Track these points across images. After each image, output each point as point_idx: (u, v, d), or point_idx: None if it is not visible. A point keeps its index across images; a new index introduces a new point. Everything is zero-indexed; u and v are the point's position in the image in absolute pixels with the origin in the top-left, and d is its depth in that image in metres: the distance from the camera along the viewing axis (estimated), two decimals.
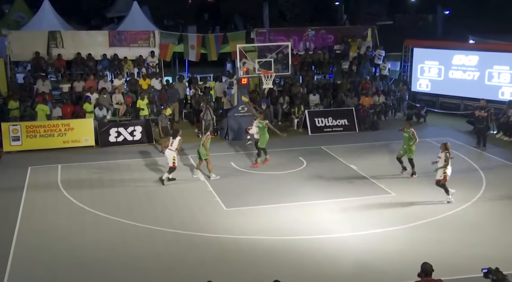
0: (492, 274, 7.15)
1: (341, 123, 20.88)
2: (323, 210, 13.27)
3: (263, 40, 24.54)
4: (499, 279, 7.08)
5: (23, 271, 10.39)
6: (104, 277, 10.20)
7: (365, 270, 10.34)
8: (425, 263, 7.50)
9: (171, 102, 21.39)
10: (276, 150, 18.32)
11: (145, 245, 11.44)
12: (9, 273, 10.25)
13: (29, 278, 10.20)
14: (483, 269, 7.27)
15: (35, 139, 18.36)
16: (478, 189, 14.46)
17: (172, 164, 14.77)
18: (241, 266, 10.58)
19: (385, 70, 25.00)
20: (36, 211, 13.29)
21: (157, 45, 23.82)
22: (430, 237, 11.69)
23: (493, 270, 7.20)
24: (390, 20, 40.21)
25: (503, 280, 7.06)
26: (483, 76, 22.14)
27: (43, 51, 22.52)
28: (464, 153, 17.92)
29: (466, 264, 10.32)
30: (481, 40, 25.08)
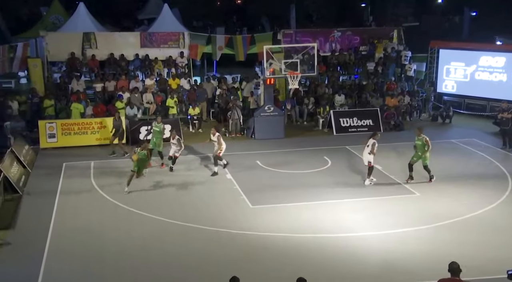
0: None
1: (366, 123, 21.02)
2: (347, 208, 13.40)
3: (289, 41, 24.78)
4: None
5: (58, 265, 10.72)
6: (135, 273, 10.42)
7: (390, 270, 10.40)
8: (452, 262, 7.53)
9: (199, 101, 21.88)
10: (302, 149, 18.60)
11: (174, 241, 11.71)
12: (45, 267, 10.60)
13: (63, 272, 10.48)
14: (508, 270, 7.34)
15: (70, 136, 18.98)
16: (503, 191, 14.40)
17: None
18: (266, 263, 10.73)
19: (410, 71, 25.01)
20: (70, 206, 13.71)
21: (186, 46, 24.32)
22: (454, 238, 11.70)
23: None
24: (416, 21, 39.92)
25: None
26: (511, 77, 21.98)
27: (78, 51, 23.29)
28: (490, 154, 17.86)
29: (489, 266, 10.29)
30: (508, 41, 24.88)
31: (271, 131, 19.86)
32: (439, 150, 18.34)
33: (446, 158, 17.49)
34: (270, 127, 19.88)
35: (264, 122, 19.94)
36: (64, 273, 10.47)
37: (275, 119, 20.06)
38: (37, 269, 10.48)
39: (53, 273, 10.42)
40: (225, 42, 25.28)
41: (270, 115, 19.95)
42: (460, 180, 15.31)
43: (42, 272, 10.40)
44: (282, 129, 20.27)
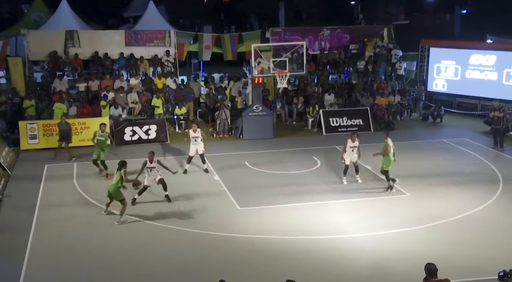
0: (510, 277, 7.06)
1: (355, 123, 20.82)
2: (337, 209, 13.28)
3: (278, 40, 24.56)
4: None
5: (39, 267, 10.56)
6: (117, 275, 10.33)
7: (381, 271, 10.36)
8: (429, 264, 7.48)
9: (186, 101, 21.51)
10: (291, 149, 18.41)
11: (161, 244, 11.54)
12: (26, 269, 10.45)
13: (45, 274, 10.37)
14: (499, 272, 7.20)
15: (52, 137, 18.48)
16: (495, 191, 14.35)
17: None
18: (254, 265, 10.64)
19: (401, 70, 24.84)
20: (53, 208, 13.47)
21: (172, 45, 23.97)
22: (445, 238, 11.66)
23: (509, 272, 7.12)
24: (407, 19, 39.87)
25: None
26: (501, 76, 21.89)
27: (60, 50, 22.81)
28: (481, 154, 17.79)
29: (481, 266, 10.27)
30: (499, 39, 24.82)
31: (259, 131, 19.64)
32: (430, 149, 18.47)
33: (438, 158, 17.51)
34: (258, 127, 19.66)
35: (252, 122, 19.69)
36: (46, 275, 10.35)
37: (264, 119, 19.81)
38: (18, 271, 10.36)
39: (35, 276, 10.30)
40: (213, 41, 24.94)
41: (259, 115, 19.71)
42: (451, 180, 15.24)
43: (23, 275, 10.28)
44: (271, 129, 20.04)
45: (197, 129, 15.68)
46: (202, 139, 15.68)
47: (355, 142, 14.60)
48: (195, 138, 15.69)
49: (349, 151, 14.69)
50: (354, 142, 14.60)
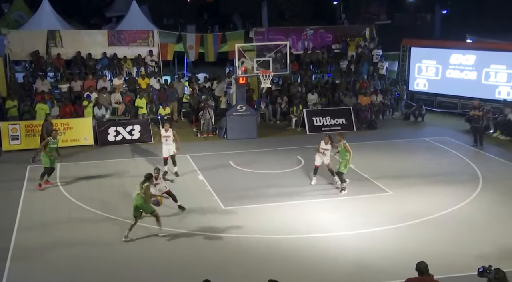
0: (492, 273, 7.23)
1: (339, 122, 21.00)
2: (321, 208, 13.38)
3: (261, 40, 24.66)
4: (501, 277, 7.16)
5: (22, 268, 10.52)
6: (102, 276, 10.30)
7: (364, 269, 10.46)
8: (420, 262, 7.61)
9: (170, 101, 21.48)
10: (275, 148, 18.48)
11: (146, 244, 11.53)
12: (8, 271, 10.39)
13: (28, 275, 10.33)
14: (479, 268, 7.36)
15: (34, 138, 18.32)
16: (474, 189, 14.59)
17: None
18: (239, 264, 10.69)
19: (382, 69, 25.12)
20: (35, 209, 13.40)
21: (156, 45, 23.91)
22: (427, 235, 11.80)
23: (490, 268, 7.29)
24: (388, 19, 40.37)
25: (505, 278, 7.15)
26: (480, 75, 22.25)
27: (42, 50, 22.61)
28: (462, 151, 18.08)
29: (462, 262, 10.45)
30: (478, 39, 25.22)
31: (243, 131, 19.69)
32: (412, 148, 18.67)
33: (419, 156, 17.73)
34: (242, 127, 19.70)
35: (236, 122, 19.74)
36: (29, 275, 10.30)
37: (248, 119, 19.87)
38: (1, 271, 10.30)
39: (17, 276, 10.25)
40: (197, 41, 24.93)
41: (243, 115, 19.76)
42: (432, 178, 15.44)
43: (6, 275, 10.25)
44: (255, 129, 20.10)
45: (169, 129, 15.41)
46: (173, 139, 15.37)
47: (327, 144, 14.42)
48: (166, 137, 15.33)
49: (320, 153, 14.55)
50: (326, 144, 14.44)
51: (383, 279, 9.99)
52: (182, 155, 17.66)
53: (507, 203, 13.52)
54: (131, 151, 18.38)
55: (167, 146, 15.50)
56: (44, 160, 14.58)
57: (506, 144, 19.15)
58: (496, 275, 7.17)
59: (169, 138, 15.41)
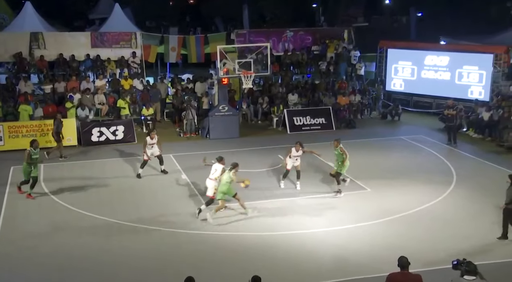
0: (464, 266, 7.47)
1: (318, 122, 21.47)
2: (301, 206, 13.63)
3: (243, 41, 25.03)
4: (471, 269, 7.40)
5: (7, 269, 10.53)
6: (88, 275, 10.36)
7: (342, 264, 10.65)
8: (401, 257, 7.80)
9: (153, 102, 21.74)
10: (256, 148, 18.76)
11: (128, 243, 11.64)
12: None
13: (13, 277, 10.32)
14: (453, 261, 7.67)
15: (18, 139, 18.46)
16: (449, 185, 15.02)
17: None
18: (221, 261, 10.82)
19: (360, 70, 25.69)
20: (19, 210, 13.41)
21: (139, 46, 24.13)
22: (403, 231, 12.05)
23: (463, 261, 7.55)
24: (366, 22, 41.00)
25: (475, 270, 7.41)
26: (454, 76, 22.91)
27: (25, 52, 22.68)
28: (436, 150, 18.58)
29: (437, 256, 10.68)
30: (452, 41, 25.86)
31: (225, 131, 19.98)
32: (389, 146, 19.06)
33: (396, 154, 18.12)
34: (224, 127, 19.99)
35: (218, 122, 20.05)
36: (14, 277, 10.30)
37: (230, 119, 20.18)
38: None
39: (2, 278, 10.27)
40: (180, 42, 25.18)
41: (225, 115, 20.07)
42: (408, 175, 15.84)
43: None
44: (237, 129, 20.43)
45: (155, 137, 15.67)
46: (158, 143, 15.80)
47: (299, 151, 14.45)
48: (151, 145, 15.66)
49: (293, 159, 14.69)
50: (298, 151, 14.53)
51: (361, 273, 10.20)
52: (166, 155, 17.87)
53: (480, 199, 13.87)
54: (114, 151, 18.54)
55: (150, 150, 15.73)
56: (25, 171, 13.94)
57: (478, 141, 19.74)
58: (467, 268, 7.40)
59: (154, 145, 15.74)
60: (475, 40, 24.69)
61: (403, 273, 7.70)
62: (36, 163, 14.07)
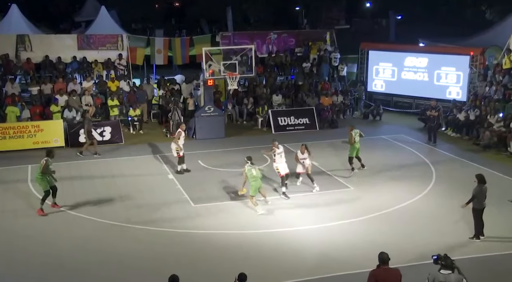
0: (441, 260, 7.65)
1: (302, 122, 21.89)
2: (285, 204, 13.91)
3: (228, 43, 25.32)
4: (448, 264, 7.61)
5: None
6: (76, 275, 10.45)
7: (327, 261, 10.88)
8: (381, 253, 7.99)
9: (140, 103, 21.98)
10: (242, 148, 18.98)
11: (116, 243, 11.77)
12: None
13: (3, 279, 10.35)
14: (433, 256, 7.80)
15: (5, 140, 18.54)
16: (428, 182, 15.44)
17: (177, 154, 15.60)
18: (208, 259, 11.00)
19: (343, 71, 26.19)
20: (7, 212, 13.44)
21: (125, 48, 24.27)
22: (385, 228, 12.35)
23: (442, 256, 7.72)
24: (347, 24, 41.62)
25: (451, 265, 7.63)
26: (432, 77, 23.48)
27: (12, 54, 22.71)
28: (416, 148, 19.06)
29: (418, 252, 10.97)
30: (430, 43, 26.41)
31: (211, 131, 20.27)
32: (371, 145, 19.23)
33: (377, 153, 18.48)
34: (210, 128, 20.27)
35: (204, 122, 20.33)
36: (3, 279, 10.36)
37: (216, 120, 20.48)
38: None
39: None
40: (165, 45, 25.42)
41: (211, 116, 20.37)
42: (390, 173, 16.28)
43: None
44: (223, 129, 20.73)
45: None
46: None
47: (304, 153, 14.70)
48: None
49: (301, 162, 14.95)
50: (303, 154, 14.68)
51: (345, 269, 10.44)
52: (153, 155, 18.26)
53: (458, 196, 13.94)
54: (102, 151, 18.58)
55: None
56: (43, 183, 13.28)
57: (456, 140, 20.24)
58: (443, 262, 7.60)
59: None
60: (452, 42, 25.31)
61: (384, 269, 7.89)
62: (51, 173, 13.47)
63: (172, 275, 7.74)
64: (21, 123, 19.15)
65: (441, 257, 7.74)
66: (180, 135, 15.98)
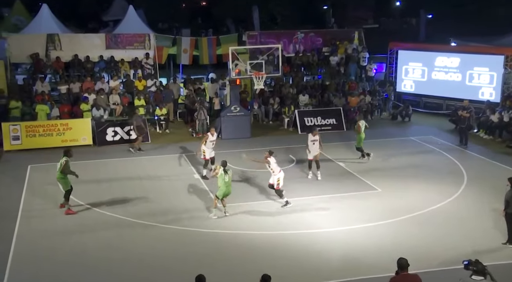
0: (473, 266, 7.47)
1: (329, 122, 21.67)
2: (311, 205, 13.76)
3: (254, 43, 25.23)
4: (480, 269, 7.43)
5: (24, 269, 10.67)
6: (101, 273, 10.51)
7: (352, 264, 10.74)
8: (400, 258, 7.82)
9: (166, 102, 22.07)
10: (268, 148, 18.78)
11: (141, 241, 11.80)
12: (9, 271, 10.51)
13: (30, 276, 10.43)
14: (464, 261, 7.69)
15: (35, 138, 18.85)
16: (460, 185, 15.12)
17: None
18: (232, 260, 10.94)
19: (371, 71, 25.84)
20: (36, 209, 13.61)
21: (152, 48, 24.42)
22: (414, 231, 12.14)
23: (473, 261, 7.52)
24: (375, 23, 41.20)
25: (483, 271, 7.43)
26: (464, 77, 23.01)
27: (41, 53, 23.09)
28: (446, 150, 18.69)
29: (448, 256, 10.79)
30: (462, 42, 25.94)
31: (237, 131, 20.22)
32: (399, 147, 19.16)
33: (406, 155, 18.19)
34: (236, 127, 20.23)
35: (230, 122, 20.30)
36: (29, 276, 10.43)
37: (242, 119, 20.43)
38: (2, 272, 10.42)
39: (18, 277, 10.36)
40: (192, 44, 25.48)
41: (237, 115, 20.33)
42: (419, 175, 15.95)
43: (6, 277, 10.35)
44: (249, 129, 20.67)
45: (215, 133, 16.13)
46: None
47: (316, 136, 15.27)
48: (212, 142, 15.88)
49: (310, 144, 15.25)
50: (314, 136, 15.23)
51: (371, 273, 10.26)
52: (178, 154, 18.28)
53: (490, 200, 13.90)
54: (128, 150, 18.72)
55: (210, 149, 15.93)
56: (64, 182, 13.42)
57: (488, 142, 19.81)
58: (475, 268, 7.43)
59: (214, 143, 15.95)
60: (484, 41, 24.81)
61: (403, 275, 7.72)
62: (71, 172, 13.49)
63: (199, 275, 7.70)
64: (50, 122, 19.45)
65: (472, 262, 7.55)
66: (206, 138, 15.78)
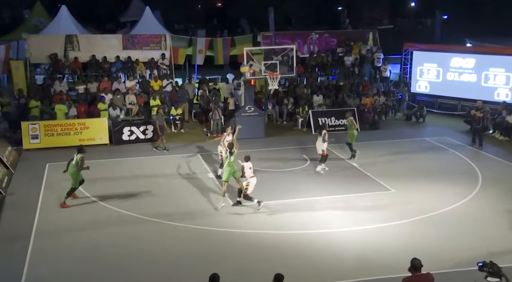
0: (488, 267, 7.41)
1: (343, 122, 21.54)
2: (325, 205, 13.78)
3: (269, 43, 25.30)
4: (495, 271, 7.36)
5: (41, 265, 10.77)
6: (116, 270, 10.59)
7: (366, 264, 10.70)
8: (414, 259, 7.77)
9: (181, 102, 22.29)
10: (281, 148, 19.07)
11: (154, 239, 11.87)
12: (28, 267, 10.62)
13: (46, 272, 10.52)
14: (478, 262, 7.56)
15: (53, 137, 19.13)
16: (474, 186, 15.04)
17: None
18: (246, 259, 10.95)
19: (385, 72, 25.79)
20: (54, 207, 13.78)
21: (168, 48, 24.63)
22: (428, 232, 12.09)
23: (488, 263, 7.46)
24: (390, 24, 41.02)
25: (499, 272, 7.37)
26: (480, 78, 22.89)
27: (60, 54, 23.45)
28: (461, 151, 18.60)
29: (462, 257, 10.72)
30: (477, 43, 25.78)
31: (251, 131, 20.23)
32: (413, 148, 19.09)
33: (420, 155, 18.16)
34: (250, 127, 20.21)
35: (244, 122, 20.28)
36: (47, 272, 10.55)
37: (256, 119, 20.53)
38: (21, 269, 10.54)
39: (36, 273, 10.48)
40: (207, 45, 25.69)
41: (251, 115, 20.43)
42: (433, 176, 15.91)
43: (25, 272, 10.46)
44: (263, 129, 20.76)
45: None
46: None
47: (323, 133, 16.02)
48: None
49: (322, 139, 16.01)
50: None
51: (385, 273, 10.21)
52: (193, 153, 18.46)
53: (506, 200, 13.89)
54: (144, 149, 18.98)
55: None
56: (76, 178, 13.72)
57: (504, 144, 19.66)
58: (490, 270, 7.37)
59: None
60: (500, 42, 24.59)
61: (416, 276, 7.69)
62: (86, 169, 13.80)
63: (213, 273, 7.72)
64: (68, 121, 19.72)
65: (487, 264, 7.50)
66: (223, 138, 15.83)
